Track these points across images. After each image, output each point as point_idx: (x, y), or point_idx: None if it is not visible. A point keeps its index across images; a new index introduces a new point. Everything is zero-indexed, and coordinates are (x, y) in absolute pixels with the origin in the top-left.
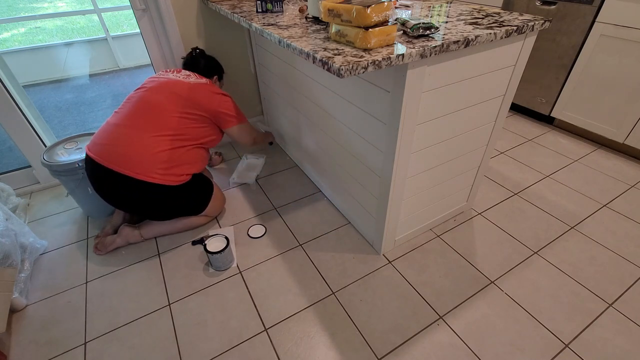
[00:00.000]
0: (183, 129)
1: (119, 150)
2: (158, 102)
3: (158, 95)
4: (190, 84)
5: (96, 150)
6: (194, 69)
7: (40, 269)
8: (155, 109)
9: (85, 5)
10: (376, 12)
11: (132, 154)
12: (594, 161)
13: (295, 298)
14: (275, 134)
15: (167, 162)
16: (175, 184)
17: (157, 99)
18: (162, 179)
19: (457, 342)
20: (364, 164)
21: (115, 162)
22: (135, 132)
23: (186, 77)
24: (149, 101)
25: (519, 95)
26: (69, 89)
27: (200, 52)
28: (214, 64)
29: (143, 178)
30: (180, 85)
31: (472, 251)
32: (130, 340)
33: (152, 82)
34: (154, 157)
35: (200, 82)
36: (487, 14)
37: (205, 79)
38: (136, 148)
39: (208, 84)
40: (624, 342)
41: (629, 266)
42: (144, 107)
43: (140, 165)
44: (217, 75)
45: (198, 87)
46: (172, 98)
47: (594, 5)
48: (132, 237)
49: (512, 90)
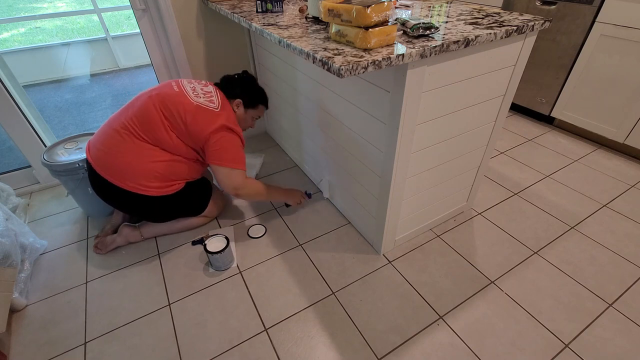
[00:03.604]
0: (177, 147)
1: (112, 159)
2: (156, 115)
3: (158, 107)
4: (196, 105)
5: (94, 155)
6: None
7: (40, 269)
8: (153, 122)
9: (85, 5)
10: (376, 12)
11: (124, 166)
12: (594, 161)
13: (295, 298)
14: (275, 133)
15: (160, 175)
16: (170, 193)
17: (156, 112)
18: (156, 191)
19: (457, 342)
20: (364, 164)
21: (110, 173)
22: (129, 142)
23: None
24: (149, 112)
25: (519, 95)
26: (69, 89)
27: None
28: (252, 89)
29: (136, 191)
30: (184, 104)
31: (472, 251)
32: (130, 340)
33: (163, 88)
34: (146, 170)
35: (210, 106)
36: (487, 14)
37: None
38: (129, 159)
39: (219, 111)
40: (624, 342)
41: (629, 266)
42: (143, 117)
43: (133, 178)
44: (245, 100)
45: (201, 111)
46: (169, 115)
47: (594, 5)
48: (132, 237)
49: (512, 90)
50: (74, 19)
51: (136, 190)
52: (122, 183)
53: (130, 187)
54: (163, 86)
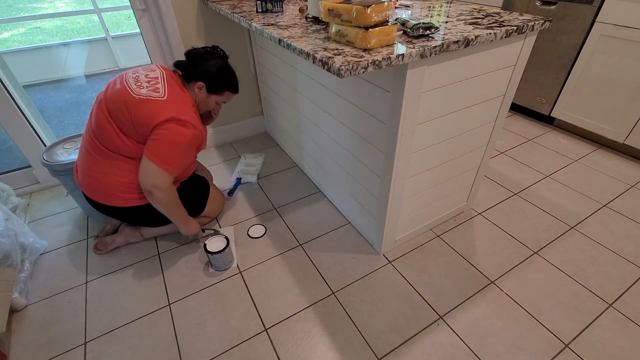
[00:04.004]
0: (138, 151)
1: (93, 182)
2: (106, 123)
3: (106, 113)
4: (138, 99)
5: (80, 179)
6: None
7: (40, 269)
8: (106, 131)
9: (85, 5)
10: (376, 12)
11: (104, 187)
12: (594, 161)
13: (295, 298)
14: (275, 133)
15: (138, 185)
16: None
17: (105, 119)
18: (144, 200)
19: (457, 342)
20: (364, 164)
21: (96, 195)
22: (100, 161)
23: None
24: (100, 121)
25: (519, 95)
26: (69, 89)
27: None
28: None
29: (125, 204)
30: (126, 102)
31: (472, 251)
32: (130, 340)
33: (109, 89)
34: (124, 184)
35: (153, 95)
36: (487, 14)
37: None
38: (106, 180)
39: (165, 99)
40: (624, 342)
41: (629, 266)
42: (98, 128)
43: (117, 195)
44: (208, 85)
45: (144, 103)
46: (116, 119)
47: (594, 5)
48: (133, 237)
49: (512, 90)
50: (73, 19)
51: (125, 204)
52: (110, 201)
53: (119, 203)
54: (109, 86)
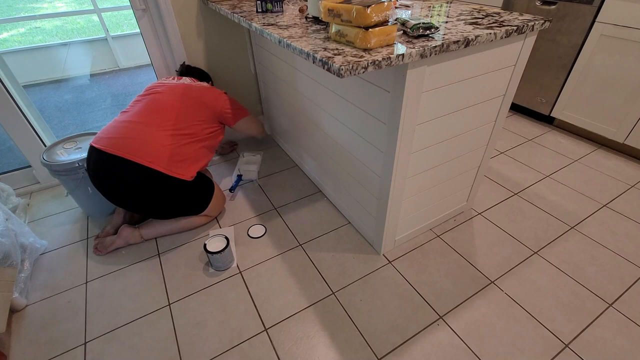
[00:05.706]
0: (190, 127)
1: (128, 141)
2: (170, 103)
3: (171, 97)
4: (198, 87)
5: (104, 143)
6: (192, 75)
7: (40, 269)
8: (168, 109)
9: (84, 5)
10: (376, 12)
11: (141, 143)
12: (594, 161)
13: (295, 298)
14: (275, 133)
15: (172, 155)
16: (178, 177)
17: (170, 100)
18: (168, 169)
19: (457, 342)
20: (364, 163)
21: (125, 150)
22: (145, 126)
23: (193, 81)
24: (161, 102)
25: (519, 95)
26: (69, 89)
27: (189, 65)
28: (204, 72)
29: (150, 165)
30: (190, 88)
31: (472, 251)
32: (130, 340)
33: (161, 86)
34: (161, 148)
35: (204, 85)
36: (487, 14)
37: (205, 83)
38: (146, 138)
39: (210, 86)
40: (624, 342)
41: (629, 266)
42: (156, 107)
43: (149, 154)
44: (210, 81)
45: (205, 90)
46: (184, 99)
47: (594, 5)
48: (132, 238)
49: (512, 90)
50: (73, 19)
51: (150, 165)
52: (139, 158)
53: (145, 161)
54: (159, 85)
